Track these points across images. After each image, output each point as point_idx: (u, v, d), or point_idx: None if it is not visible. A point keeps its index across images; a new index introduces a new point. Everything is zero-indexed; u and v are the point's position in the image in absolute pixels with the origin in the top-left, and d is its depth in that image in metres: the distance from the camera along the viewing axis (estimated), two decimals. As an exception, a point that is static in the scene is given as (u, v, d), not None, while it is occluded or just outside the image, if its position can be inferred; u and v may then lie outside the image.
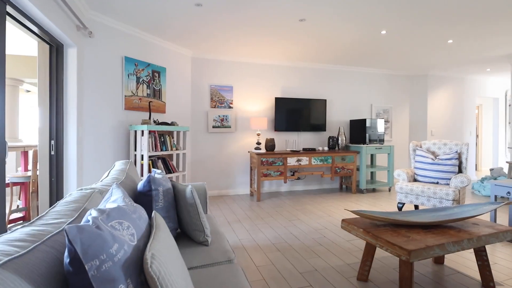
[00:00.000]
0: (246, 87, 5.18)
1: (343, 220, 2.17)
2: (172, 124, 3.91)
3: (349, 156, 5.16)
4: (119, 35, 3.58)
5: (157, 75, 4.17)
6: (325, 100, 5.53)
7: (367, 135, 5.29)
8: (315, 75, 5.64)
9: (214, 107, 5.00)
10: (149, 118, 3.76)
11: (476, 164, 7.64)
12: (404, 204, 3.69)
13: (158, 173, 2.00)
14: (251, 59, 5.15)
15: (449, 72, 6.38)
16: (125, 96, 3.66)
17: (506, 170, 7.14)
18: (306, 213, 3.87)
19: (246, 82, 5.18)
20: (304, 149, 5.09)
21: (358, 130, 5.45)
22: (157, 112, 4.13)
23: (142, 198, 1.71)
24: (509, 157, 7.05)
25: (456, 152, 3.63)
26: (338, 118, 5.83)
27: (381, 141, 5.42)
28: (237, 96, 5.13)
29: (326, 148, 5.26)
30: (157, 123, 3.78)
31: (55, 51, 2.84)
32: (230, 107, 5.08)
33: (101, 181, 1.73)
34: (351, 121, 5.69)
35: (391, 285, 2.05)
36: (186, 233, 1.89)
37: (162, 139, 3.75)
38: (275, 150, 5.27)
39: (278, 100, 5.19)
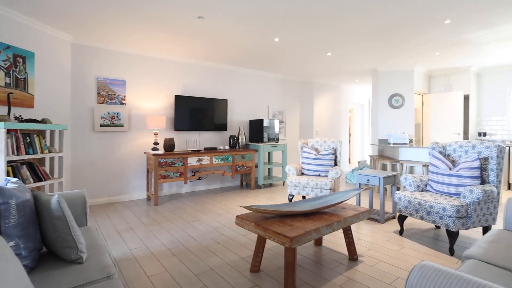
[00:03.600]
0: (142, 83, 4.77)
1: (237, 216, 2.24)
2: (43, 121, 3.24)
3: (249, 154, 5.42)
4: (-45, 4, 2.72)
5: (21, 60, 3.38)
6: (226, 100, 5.64)
7: (264, 134, 5.68)
8: (217, 74, 5.69)
9: (102, 102, 4.41)
10: (8, 113, 3.01)
11: (349, 158, 9.25)
12: (293, 195, 4.13)
13: (12, 182, 1.60)
14: (148, 53, 4.78)
15: (329, 81, 7.50)
16: (-32, 84, 2.81)
17: (369, 162, 8.89)
18: (206, 212, 3.86)
19: (142, 77, 4.77)
20: (205, 149, 5.06)
21: (257, 130, 5.79)
22: (21, 106, 3.35)
23: (-16, 215, 1.33)
24: (371, 151, 8.79)
25: (333, 148, 4.29)
26: (238, 118, 6.05)
27: (277, 139, 5.91)
28: (131, 91, 4.67)
29: (227, 147, 5.38)
30: (20, 120, 3.06)
31: None
32: (122, 104, 4.58)
33: None
34: (250, 121, 5.99)
35: (280, 271, 2.24)
36: (54, 252, 1.58)
37: (29, 140, 3.06)
38: (175, 150, 5.05)
39: (178, 98, 4.99)
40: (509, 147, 5.39)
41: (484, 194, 2.53)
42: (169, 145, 4.59)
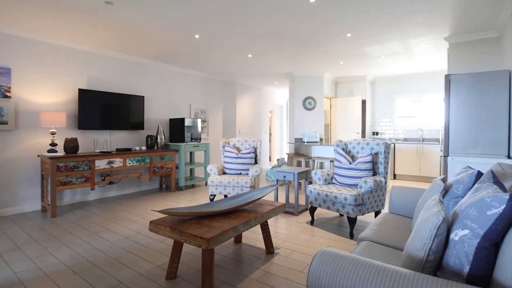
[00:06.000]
0: (34, 72, 4.00)
1: (151, 222, 2.08)
2: None
3: (168, 154, 5.14)
4: None
5: None
6: (143, 97, 5.23)
7: (187, 134, 5.48)
8: (132, 68, 5.21)
9: (-25, 95, 3.54)
10: None
11: (270, 156, 9.75)
12: (215, 195, 4.10)
13: None
14: (44, 37, 4.03)
15: (251, 82, 7.73)
16: None
17: (287, 159, 9.54)
18: (118, 221, 3.49)
19: (35, 66, 4.00)
20: (118, 150, 4.58)
21: (178, 129, 5.54)
22: None
23: None
24: (288, 149, 9.44)
25: (253, 147, 4.42)
26: (157, 116, 5.68)
27: (199, 139, 5.78)
28: (20, 82, 3.88)
29: (144, 148, 4.99)
30: None
31: None
32: (6, 97, 3.76)
33: None
34: (170, 119, 5.70)
35: (198, 275, 2.18)
36: None
37: None
38: (79, 152, 4.42)
39: (83, 93, 4.37)
40: (394, 144, 6.52)
41: (375, 183, 2.98)
42: (71, 146, 3.99)
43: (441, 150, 4.92)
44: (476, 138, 3.34)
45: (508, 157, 3.16)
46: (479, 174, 1.55)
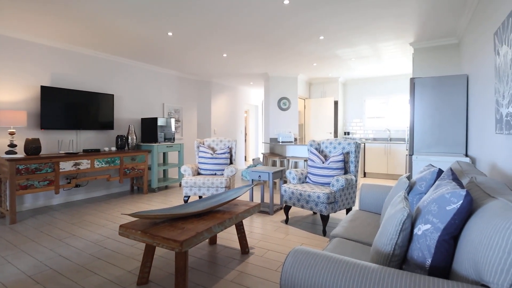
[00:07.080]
0: (-12, 68, 3.69)
1: (121, 226, 1.99)
2: None
3: (140, 155, 4.97)
4: None
5: None
6: (113, 95, 5.01)
7: (160, 134, 5.32)
8: (101, 66, 4.96)
9: None
10: None
11: (245, 156, 9.75)
12: (189, 196, 4.02)
13: None
14: (0, 30, 3.73)
15: (226, 81, 7.68)
16: None
17: (262, 159, 9.60)
18: (86, 225, 3.31)
19: (-13, 61, 3.69)
20: (85, 151, 4.35)
21: (150, 129, 5.37)
22: None
23: None
24: (263, 149, 9.50)
25: (228, 147, 4.40)
26: (128, 115, 5.47)
27: (173, 139, 5.65)
28: (-30, 78, 3.56)
29: (114, 149, 4.78)
30: None
31: None
32: (-45, 94, 3.44)
33: None
34: (142, 119, 5.51)
35: (171, 279, 2.12)
36: None
37: None
38: (42, 153, 4.14)
39: (45, 90, 4.10)
40: (364, 143, 6.79)
41: (347, 182, 3.09)
42: (33, 148, 3.73)
43: (407, 149, 5.20)
44: (438, 137, 3.57)
45: (466, 155, 3.41)
46: (440, 172, 1.65)
